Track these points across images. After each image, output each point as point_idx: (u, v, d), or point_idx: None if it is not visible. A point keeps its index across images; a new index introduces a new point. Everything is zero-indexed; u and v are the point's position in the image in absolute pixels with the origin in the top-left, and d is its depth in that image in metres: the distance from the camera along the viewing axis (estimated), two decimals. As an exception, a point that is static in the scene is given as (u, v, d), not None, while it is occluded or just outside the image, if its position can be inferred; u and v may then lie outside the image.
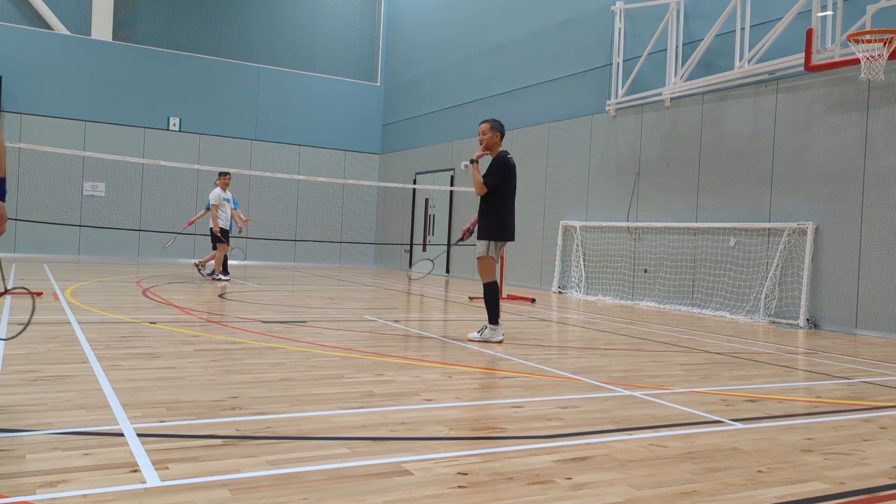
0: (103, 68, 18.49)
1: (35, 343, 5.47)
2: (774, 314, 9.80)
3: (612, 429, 3.71)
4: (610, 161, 12.93)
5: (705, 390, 4.85)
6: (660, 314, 10.50)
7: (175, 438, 3.18)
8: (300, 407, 3.88)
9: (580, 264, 13.23)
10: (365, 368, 5.06)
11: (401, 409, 3.93)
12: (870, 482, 2.99)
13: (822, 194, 9.45)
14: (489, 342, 6.57)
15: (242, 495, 2.52)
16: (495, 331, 6.68)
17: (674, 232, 11.51)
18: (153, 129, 18.96)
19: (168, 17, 19.62)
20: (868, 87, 8.92)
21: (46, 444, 3.01)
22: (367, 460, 3.00)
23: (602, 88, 13.19)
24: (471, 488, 2.70)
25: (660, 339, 7.62)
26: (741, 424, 3.91)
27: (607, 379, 5.11)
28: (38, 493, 2.45)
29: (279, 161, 20.19)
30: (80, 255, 18.03)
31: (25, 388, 4.01)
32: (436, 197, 18.72)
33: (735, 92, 10.69)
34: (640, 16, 12.52)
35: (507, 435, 3.50)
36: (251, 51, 20.43)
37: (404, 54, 20.89)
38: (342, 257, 21.49)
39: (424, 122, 19.62)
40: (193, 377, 4.57)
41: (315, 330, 7.12)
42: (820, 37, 9.01)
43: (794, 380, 5.61)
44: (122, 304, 8.60)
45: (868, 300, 8.83)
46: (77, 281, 11.43)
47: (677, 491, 2.78)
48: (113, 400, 3.80)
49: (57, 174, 17.70)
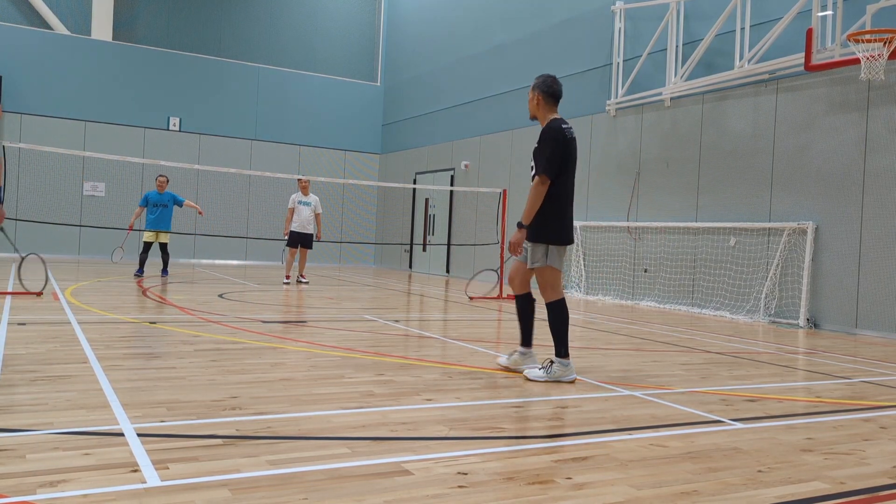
0: (103, 68, 18.49)
1: (35, 343, 5.47)
2: (774, 314, 9.79)
3: (613, 429, 3.71)
4: (610, 161, 12.92)
5: (705, 390, 4.84)
6: (660, 314, 10.50)
7: (175, 438, 3.18)
8: (300, 407, 3.88)
9: (580, 264, 13.23)
10: (365, 368, 5.05)
11: (401, 409, 3.93)
12: (870, 482, 2.99)
13: (822, 194, 9.45)
14: (560, 382, 4.90)
15: (242, 495, 2.52)
16: (567, 367, 4.95)
17: (674, 232, 11.51)
18: (153, 129, 18.96)
19: (168, 17, 19.63)
20: (868, 87, 8.92)
21: (46, 444, 3.01)
22: (367, 460, 3.00)
23: (602, 88, 13.18)
24: (471, 488, 2.70)
25: (660, 338, 7.62)
26: (741, 424, 3.90)
27: (607, 379, 5.11)
28: (38, 492, 2.45)
29: (279, 161, 20.19)
30: (80, 255, 18.03)
31: (25, 388, 4.01)
32: (436, 197, 18.71)
33: (735, 92, 10.69)
34: (640, 16, 12.51)
35: (507, 435, 3.50)
36: (251, 51, 20.43)
37: (404, 54, 20.89)
38: (342, 257, 21.49)
39: (424, 122, 19.62)
40: (193, 377, 4.57)
41: (315, 330, 7.11)
42: (820, 36, 9.01)
43: (795, 379, 5.61)
44: (122, 304, 8.60)
45: (868, 300, 8.83)
46: (77, 281, 11.42)
47: (677, 491, 2.78)
48: (113, 400, 3.79)
49: (57, 174, 17.70)
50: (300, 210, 12.93)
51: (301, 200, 13.00)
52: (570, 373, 4.94)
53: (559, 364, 4.93)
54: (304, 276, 13.28)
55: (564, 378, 4.91)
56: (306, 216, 13.01)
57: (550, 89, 5.12)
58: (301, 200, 13.00)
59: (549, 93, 5.12)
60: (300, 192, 13.00)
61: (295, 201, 12.97)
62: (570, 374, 4.94)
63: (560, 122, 5.04)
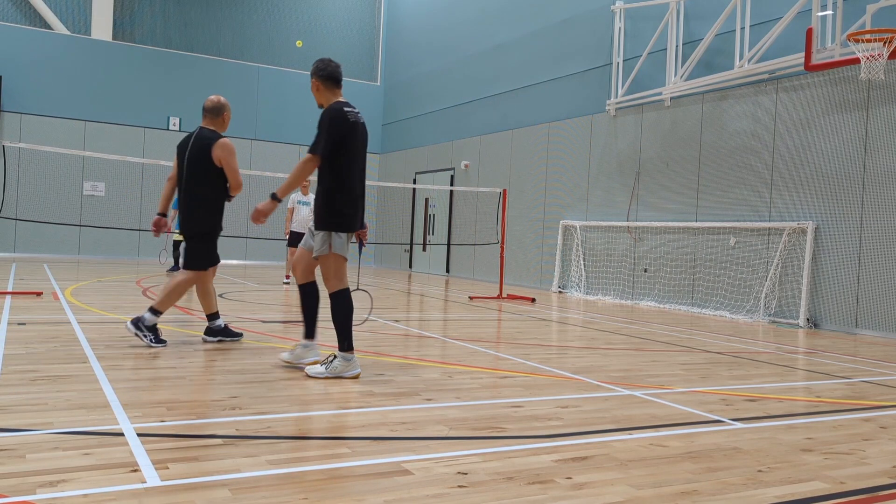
0: (103, 68, 18.49)
1: (35, 343, 5.47)
2: (774, 314, 9.79)
3: (613, 428, 3.71)
4: (610, 161, 12.92)
5: (705, 390, 4.84)
6: (660, 314, 10.50)
7: (175, 438, 3.18)
8: (300, 407, 3.88)
9: (580, 264, 13.23)
10: (365, 368, 5.05)
11: (401, 409, 3.93)
12: (870, 482, 2.99)
13: (822, 194, 9.45)
14: (342, 378, 4.66)
15: (242, 495, 2.52)
16: (350, 362, 4.72)
17: (674, 231, 11.51)
18: (153, 129, 18.96)
19: (168, 17, 19.62)
20: (868, 87, 8.92)
21: (46, 443, 3.01)
22: (367, 460, 3.00)
23: (602, 88, 13.18)
24: (471, 488, 2.70)
25: (660, 338, 7.62)
26: (741, 424, 3.90)
27: (607, 378, 5.11)
28: (38, 492, 2.45)
29: (279, 161, 20.19)
30: (80, 254, 18.03)
31: (25, 388, 4.01)
32: (436, 197, 18.71)
33: (735, 91, 10.69)
34: (640, 15, 12.51)
35: (507, 434, 3.50)
36: (251, 51, 20.43)
37: (404, 54, 20.89)
38: (342, 257, 21.47)
39: (424, 122, 19.62)
40: (193, 377, 4.57)
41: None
42: (820, 36, 9.01)
43: (794, 379, 5.61)
44: (122, 304, 8.60)
45: (868, 300, 8.83)
46: (77, 281, 11.42)
47: (677, 490, 2.78)
48: (113, 400, 3.79)
49: (57, 174, 17.70)
50: (299, 210, 12.93)
51: (300, 200, 13.00)
52: (352, 367, 4.71)
53: (341, 359, 4.71)
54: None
55: (347, 374, 4.69)
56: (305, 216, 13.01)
57: (326, 72, 4.91)
58: (300, 200, 13.00)
59: (325, 76, 4.91)
60: (300, 192, 13.00)
61: (294, 201, 12.96)
62: (352, 370, 4.71)
63: (342, 105, 4.84)
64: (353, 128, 4.81)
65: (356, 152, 4.85)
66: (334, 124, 4.74)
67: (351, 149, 4.80)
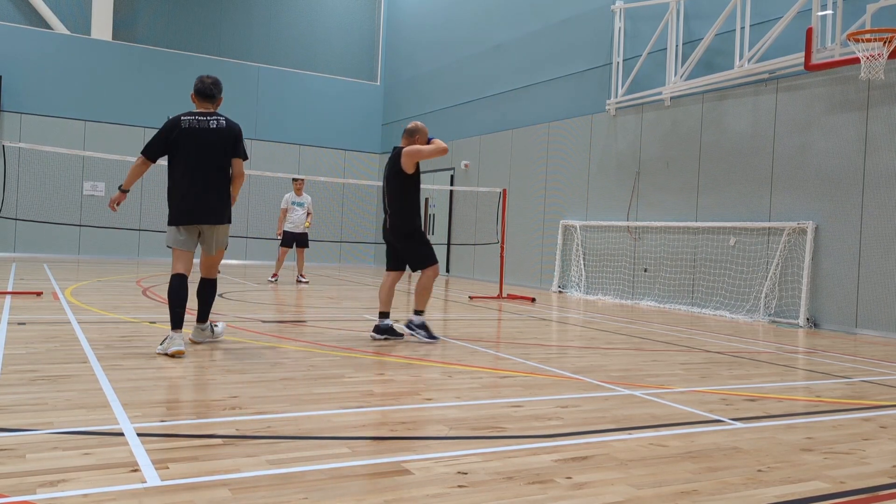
0: (103, 68, 18.48)
1: (35, 343, 5.47)
2: (774, 313, 9.80)
3: (612, 428, 3.71)
4: (610, 160, 12.92)
5: (705, 389, 4.85)
6: (660, 313, 10.50)
7: (175, 438, 3.18)
8: (300, 407, 3.88)
9: (580, 264, 13.23)
10: (365, 368, 5.05)
11: (401, 409, 3.93)
12: (870, 481, 2.99)
13: (821, 194, 9.45)
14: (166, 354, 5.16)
15: (242, 495, 2.52)
16: (173, 339, 5.22)
17: (674, 231, 11.51)
18: (153, 129, 18.87)
19: (168, 17, 19.62)
20: (868, 87, 8.92)
21: (46, 443, 3.01)
22: (367, 460, 3.00)
23: (602, 88, 13.18)
24: (471, 488, 2.70)
25: (660, 338, 7.62)
26: (741, 424, 3.91)
27: (607, 378, 5.11)
28: (38, 492, 2.45)
29: (279, 161, 20.19)
30: (80, 254, 18.03)
31: (25, 387, 4.02)
32: (436, 197, 18.71)
33: (735, 91, 10.69)
34: (640, 15, 12.51)
35: (507, 434, 3.50)
36: (251, 51, 20.42)
37: (404, 54, 20.89)
38: (342, 257, 21.49)
39: (424, 121, 19.54)
40: (193, 377, 4.57)
41: (315, 330, 7.12)
42: (820, 36, 9.01)
43: (794, 379, 5.61)
44: (122, 303, 8.60)
45: (868, 299, 8.83)
46: (77, 281, 11.42)
47: (677, 490, 2.78)
48: (113, 400, 3.80)
49: (57, 174, 17.68)
50: (294, 210, 12.94)
51: (294, 201, 13.00)
52: (177, 343, 5.17)
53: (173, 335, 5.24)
54: (303, 276, 13.27)
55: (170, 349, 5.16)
56: (299, 216, 13.02)
57: (195, 88, 5.87)
58: (294, 201, 13.00)
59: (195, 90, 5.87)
60: (294, 192, 12.99)
61: (288, 201, 12.96)
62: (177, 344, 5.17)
63: (181, 115, 5.67)
64: (183, 133, 5.65)
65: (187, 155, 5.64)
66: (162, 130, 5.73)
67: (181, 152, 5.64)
